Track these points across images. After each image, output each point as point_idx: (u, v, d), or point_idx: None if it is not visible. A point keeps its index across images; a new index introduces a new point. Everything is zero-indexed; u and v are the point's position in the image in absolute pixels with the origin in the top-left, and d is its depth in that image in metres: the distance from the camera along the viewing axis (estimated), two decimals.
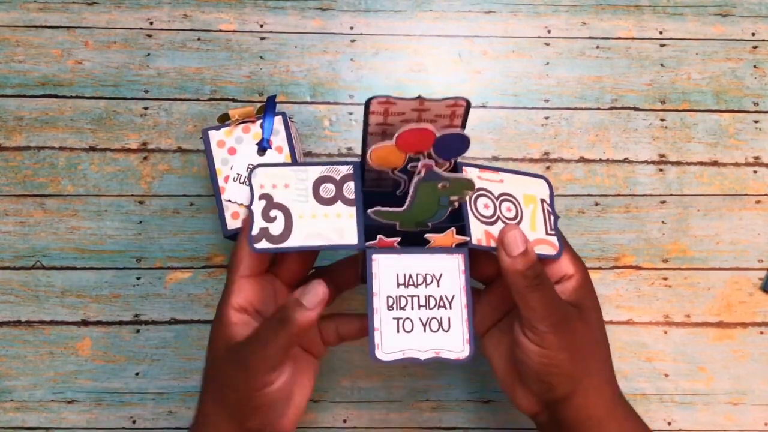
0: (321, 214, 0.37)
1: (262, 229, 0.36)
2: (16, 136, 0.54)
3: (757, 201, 0.54)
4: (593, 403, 0.38)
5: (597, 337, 0.39)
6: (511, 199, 0.40)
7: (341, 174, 0.39)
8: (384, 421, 0.51)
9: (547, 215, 0.41)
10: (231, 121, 0.48)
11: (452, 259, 0.37)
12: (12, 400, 0.51)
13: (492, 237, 0.38)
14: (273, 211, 0.37)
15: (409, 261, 0.37)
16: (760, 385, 0.52)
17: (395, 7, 0.56)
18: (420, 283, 0.36)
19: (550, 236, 0.40)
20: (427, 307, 0.36)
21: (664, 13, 0.57)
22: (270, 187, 0.38)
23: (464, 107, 0.35)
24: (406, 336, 0.35)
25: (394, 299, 0.36)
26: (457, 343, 0.35)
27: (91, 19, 0.55)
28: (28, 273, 0.52)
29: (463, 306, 0.36)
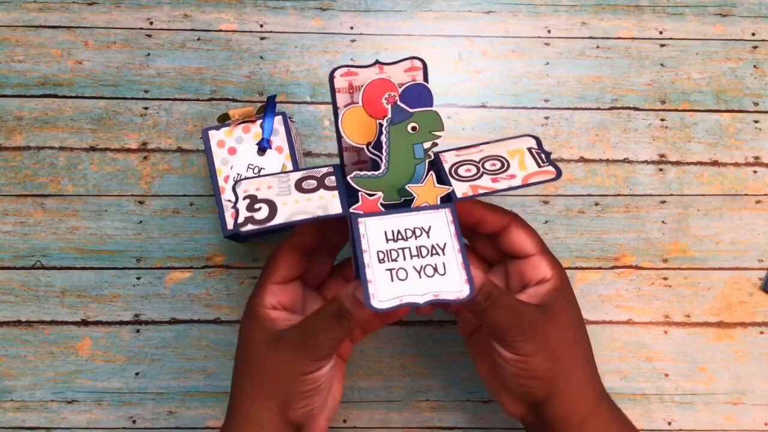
0: (304, 199, 0.37)
1: (246, 217, 0.36)
2: (16, 136, 0.54)
3: (757, 201, 0.54)
4: (575, 402, 0.38)
5: (570, 337, 0.39)
6: (494, 157, 0.40)
7: (322, 172, 0.39)
8: (384, 421, 0.51)
9: (537, 155, 0.40)
10: (231, 121, 0.48)
11: (439, 212, 0.36)
12: (12, 400, 0.51)
13: (479, 187, 0.37)
14: (257, 204, 0.37)
15: (395, 220, 0.36)
16: (760, 385, 0.52)
17: (395, 7, 0.56)
18: (409, 236, 0.36)
19: (544, 166, 0.38)
20: (419, 256, 0.35)
21: (664, 13, 0.57)
22: (254, 191, 0.38)
23: (422, 69, 0.36)
24: (401, 284, 0.34)
25: (385, 253, 0.35)
26: (455, 283, 0.34)
27: (91, 19, 0.55)
28: (28, 273, 0.52)
29: (456, 251, 0.35)
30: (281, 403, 0.38)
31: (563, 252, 0.53)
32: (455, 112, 0.55)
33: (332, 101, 0.37)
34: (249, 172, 0.48)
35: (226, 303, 0.52)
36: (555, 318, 0.38)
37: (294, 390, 0.37)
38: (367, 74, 0.36)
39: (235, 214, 0.37)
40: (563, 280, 0.40)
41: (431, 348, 0.52)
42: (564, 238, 0.53)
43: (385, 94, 0.36)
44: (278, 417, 0.38)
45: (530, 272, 0.40)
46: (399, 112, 0.36)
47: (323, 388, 0.38)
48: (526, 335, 0.37)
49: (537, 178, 0.37)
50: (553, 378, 0.38)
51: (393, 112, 0.36)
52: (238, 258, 0.52)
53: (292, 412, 0.38)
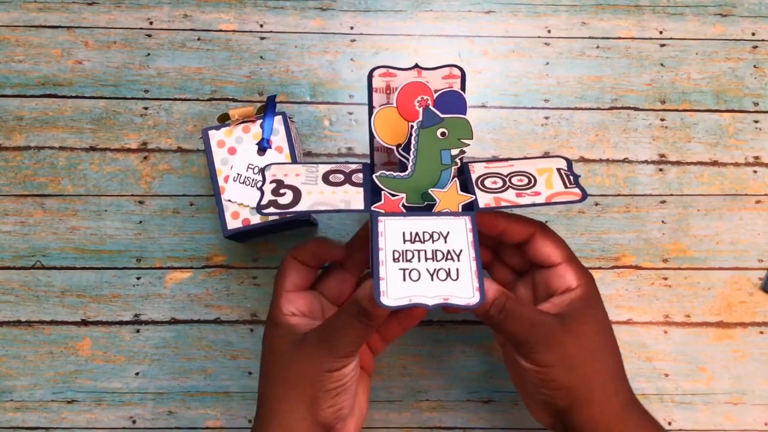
0: (329, 191, 0.38)
1: (270, 200, 0.37)
2: (16, 136, 0.54)
3: (757, 201, 0.54)
4: (598, 413, 0.38)
5: (593, 348, 0.39)
6: (522, 173, 0.40)
7: (351, 168, 0.40)
8: (384, 421, 0.51)
9: (565, 176, 0.40)
10: (231, 121, 0.48)
11: (459, 219, 0.36)
12: (12, 400, 0.51)
13: (502, 200, 0.37)
14: (283, 189, 0.37)
15: (415, 222, 0.36)
16: (760, 385, 0.52)
17: (395, 7, 0.56)
18: (426, 239, 0.36)
19: (571, 188, 0.38)
20: (434, 260, 0.35)
21: (664, 13, 0.57)
22: (282, 176, 0.39)
23: (459, 78, 0.36)
24: (412, 284, 0.34)
25: (401, 253, 0.35)
26: (466, 290, 0.34)
27: (91, 19, 0.55)
28: (28, 273, 0.52)
29: (472, 259, 0.35)
30: (309, 403, 0.38)
31: None
32: None
33: (368, 100, 0.38)
34: (249, 172, 0.48)
35: (226, 303, 0.52)
36: (575, 328, 0.38)
37: (321, 388, 0.37)
38: (405, 76, 0.37)
39: (260, 194, 0.37)
40: (590, 289, 0.40)
41: (431, 348, 0.52)
42: (564, 238, 0.53)
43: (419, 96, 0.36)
44: (308, 418, 0.38)
45: (556, 281, 0.40)
46: (430, 115, 0.36)
47: (349, 387, 0.39)
48: (543, 346, 0.37)
49: (561, 198, 0.37)
50: (573, 388, 0.38)
51: (424, 116, 0.36)
52: (238, 258, 0.52)
53: (321, 412, 0.38)
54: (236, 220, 0.47)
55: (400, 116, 0.37)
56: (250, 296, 0.52)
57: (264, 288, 0.52)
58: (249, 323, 0.52)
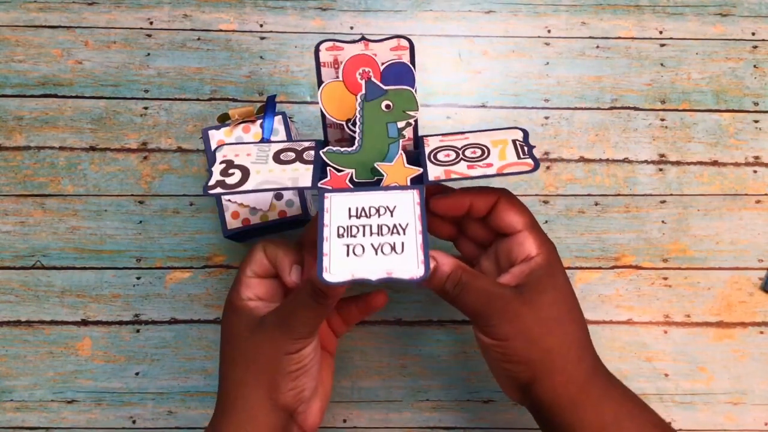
0: (278, 169, 0.37)
1: (218, 181, 0.36)
2: (16, 136, 0.54)
3: (757, 201, 0.54)
4: (560, 384, 0.37)
5: (552, 317, 0.38)
6: (476, 146, 0.39)
7: (303, 146, 0.39)
8: (384, 421, 0.51)
9: (519, 147, 0.39)
10: (231, 120, 0.48)
11: (407, 193, 0.36)
12: (12, 400, 0.51)
13: (453, 172, 0.36)
14: (231, 169, 0.37)
15: (362, 197, 0.36)
16: (760, 385, 0.52)
17: (395, 7, 0.56)
18: (372, 214, 0.35)
19: (524, 159, 0.37)
20: (379, 234, 0.35)
21: (664, 13, 0.57)
22: (232, 156, 0.38)
23: (408, 49, 0.36)
24: (355, 259, 0.34)
25: (345, 228, 0.35)
26: (411, 263, 0.34)
27: (91, 19, 0.55)
28: (28, 273, 0.52)
29: (418, 232, 0.35)
30: (269, 387, 0.38)
31: (563, 252, 0.53)
32: (455, 112, 0.55)
33: (317, 75, 0.37)
34: None
35: None
36: (534, 298, 0.37)
37: (280, 370, 0.37)
38: (353, 50, 0.36)
39: (209, 175, 0.37)
40: (550, 256, 0.39)
41: (431, 348, 0.52)
42: (564, 238, 0.53)
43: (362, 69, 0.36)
44: (268, 401, 0.38)
45: (516, 250, 0.39)
46: (373, 88, 0.36)
47: (310, 368, 0.38)
48: (500, 319, 0.36)
49: (513, 169, 0.36)
50: (534, 361, 0.37)
51: (367, 89, 0.36)
52: (238, 258, 0.52)
53: (282, 395, 0.38)
54: (236, 220, 0.47)
55: (348, 90, 0.36)
56: None
57: None
58: None
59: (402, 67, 0.36)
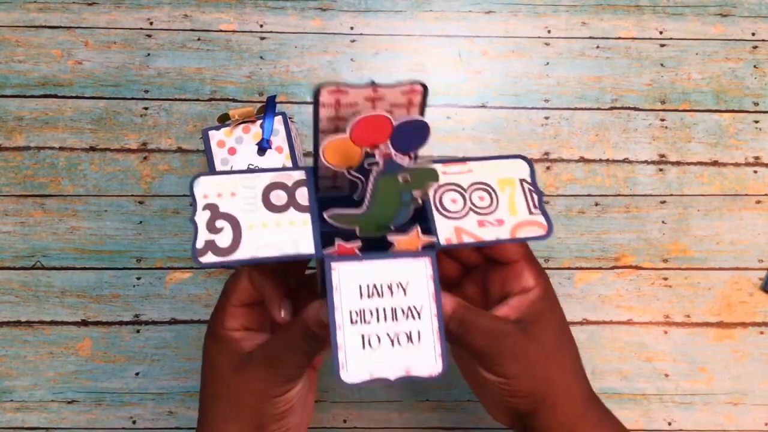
0: (272, 223, 0.34)
1: (207, 242, 0.33)
2: (16, 136, 0.54)
3: (757, 201, 0.54)
4: (561, 413, 0.37)
5: (554, 350, 0.38)
6: (483, 187, 0.37)
7: (293, 180, 0.36)
8: (384, 421, 0.51)
9: (528, 194, 0.37)
10: (231, 121, 0.48)
11: (419, 262, 0.34)
12: (12, 400, 0.51)
13: (464, 232, 0.35)
14: (219, 221, 0.34)
15: (372, 268, 0.34)
16: (760, 385, 0.52)
17: (395, 7, 0.56)
18: (385, 293, 0.34)
19: (534, 215, 0.36)
20: (393, 319, 0.33)
21: (664, 13, 0.57)
22: (215, 197, 0.35)
23: (421, 93, 0.33)
24: (372, 354, 0.32)
25: (358, 313, 0.33)
26: (428, 358, 0.33)
27: (91, 19, 0.55)
28: (28, 273, 0.52)
29: (433, 315, 0.33)
30: (254, 426, 0.37)
31: (563, 252, 0.53)
32: (455, 112, 0.55)
33: (314, 116, 0.34)
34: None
35: None
36: (537, 333, 0.37)
37: (266, 414, 0.36)
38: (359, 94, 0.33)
39: (194, 230, 0.33)
40: (547, 288, 0.38)
41: None
42: (564, 238, 0.53)
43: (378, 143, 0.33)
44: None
45: (512, 281, 0.38)
46: (392, 166, 0.33)
47: (296, 407, 0.37)
48: (508, 359, 0.36)
49: (525, 233, 0.35)
50: (538, 394, 0.37)
51: (386, 166, 0.33)
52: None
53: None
54: None
55: (353, 144, 0.33)
56: None
57: None
58: None
59: (417, 125, 0.33)
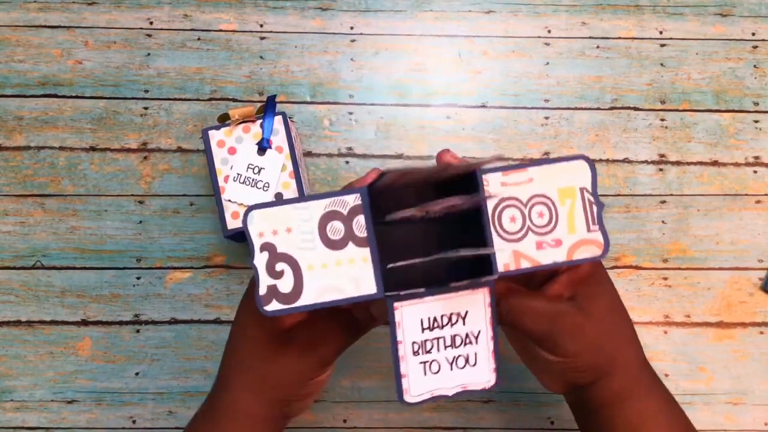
0: (332, 262, 0.34)
1: (269, 288, 0.33)
2: (16, 136, 0.53)
3: (757, 201, 0.54)
4: (618, 381, 0.37)
5: (610, 322, 0.38)
6: (543, 201, 0.37)
7: (348, 207, 0.35)
8: (384, 421, 0.51)
9: (588, 206, 0.37)
10: (231, 121, 0.48)
11: (477, 294, 0.35)
12: (12, 400, 0.51)
13: (522, 257, 0.36)
14: (278, 264, 0.34)
15: (433, 304, 0.35)
16: (760, 385, 0.52)
17: (395, 7, 0.56)
18: (445, 324, 0.35)
19: (593, 233, 0.36)
20: (453, 346, 0.35)
21: (664, 13, 0.57)
22: (270, 234, 0.34)
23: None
24: (433, 377, 0.34)
25: (420, 344, 0.34)
26: (483, 374, 0.35)
27: (91, 19, 0.55)
28: (28, 273, 0.52)
29: (489, 339, 0.35)
30: (279, 402, 0.37)
31: None
32: (455, 112, 0.55)
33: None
34: (249, 172, 0.48)
35: (226, 303, 0.52)
36: (592, 309, 0.37)
37: (294, 393, 0.37)
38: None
39: (255, 275, 0.33)
40: (594, 265, 0.38)
41: None
42: None
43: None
44: (272, 411, 0.37)
45: None
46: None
47: (319, 388, 0.39)
48: (567, 338, 0.36)
49: (582, 253, 0.35)
50: (600, 366, 0.37)
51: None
52: (238, 258, 0.52)
53: (290, 410, 0.38)
54: (236, 220, 0.47)
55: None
56: None
57: None
58: None
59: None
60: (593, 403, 0.38)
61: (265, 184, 0.48)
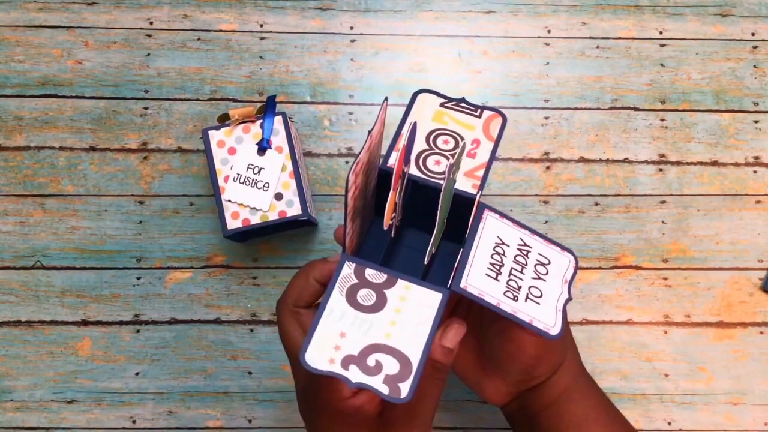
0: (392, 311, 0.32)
1: (387, 377, 0.31)
2: (16, 136, 0.54)
3: (757, 201, 0.54)
4: (565, 379, 0.39)
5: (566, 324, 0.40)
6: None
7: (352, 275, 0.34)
8: None
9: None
10: (231, 121, 0.48)
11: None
12: (12, 400, 0.51)
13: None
14: (369, 359, 0.31)
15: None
16: (760, 385, 0.52)
17: (395, 7, 0.56)
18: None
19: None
20: (526, 272, 0.34)
21: (664, 13, 0.57)
22: (334, 351, 0.31)
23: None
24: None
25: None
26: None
27: (91, 19, 0.55)
28: (28, 273, 0.52)
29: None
30: None
31: None
32: None
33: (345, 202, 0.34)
34: (249, 173, 0.48)
35: (226, 303, 0.52)
36: None
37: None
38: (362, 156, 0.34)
39: (372, 392, 0.30)
40: None
41: None
42: (564, 238, 0.53)
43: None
44: None
45: None
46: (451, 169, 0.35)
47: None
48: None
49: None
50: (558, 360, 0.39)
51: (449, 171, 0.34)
52: (238, 258, 0.52)
53: None
54: (236, 220, 0.47)
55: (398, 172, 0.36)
56: (250, 296, 0.52)
57: (264, 288, 0.52)
58: (249, 323, 0.52)
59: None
60: (540, 403, 0.39)
61: (265, 184, 0.48)
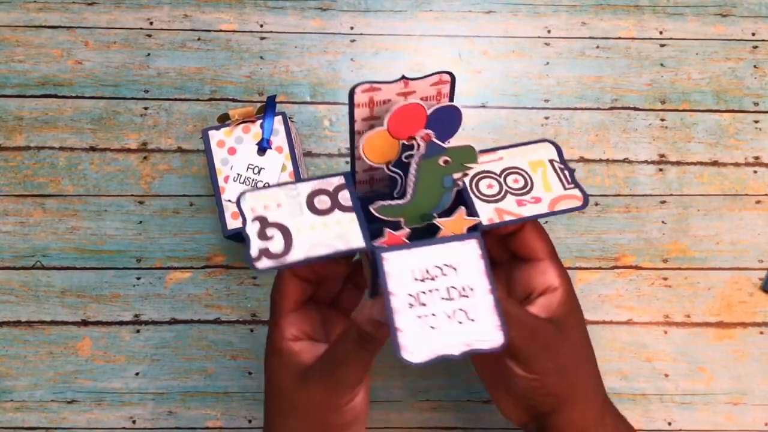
0: (320, 224, 0.36)
1: (260, 250, 0.35)
2: (16, 136, 0.54)
3: (757, 201, 0.54)
4: (580, 416, 0.38)
5: (580, 351, 0.39)
6: (516, 171, 0.39)
7: (333, 185, 0.38)
8: (384, 421, 0.51)
9: (560, 172, 0.39)
10: (231, 121, 0.48)
11: (467, 244, 0.35)
12: (12, 400, 0.51)
13: (504, 213, 0.36)
14: (269, 230, 0.36)
15: (421, 254, 0.35)
16: (760, 385, 0.52)
17: (395, 7, 0.56)
18: (437, 275, 0.34)
19: (570, 189, 0.37)
20: (449, 299, 0.33)
21: (664, 13, 0.57)
22: (262, 209, 0.36)
23: (449, 83, 0.35)
24: (432, 333, 0.33)
25: (414, 296, 0.33)
26: (487, 331, 0.33)
27: (91, 19, 0.55)
28: (28, 273, 0.52)
29: (487, 292, 0.34)
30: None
31: (563, 252, 0.53)
32: None
33: (350, 117, 0.36)
34: (249, 172, 0.48)
35: (226, 303, 0.52)
36: (567, 332, 0.37)
37: (334, 423, 0.36)
38: (391, 90, 0.35)
39: (246, 241, 0.35)
40: (570, 288, 0.39)
41: None
42: (564, 238, 0.53)
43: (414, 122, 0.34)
44: None
45: (537, 279, 0.39)
46: (434, 148, 0.34)
47: (361, 414, 0.37)
48: (542, 354, 0.36)
49: (564, 205, 0.36)
50: (562, 394, 0.37)
51: (428, 148, 0.34)
52: (238, 258, 0.52)
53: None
54: (236, 220, 0.47)
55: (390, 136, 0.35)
56: (250, 296, 0.52)
57: (264, 288, 0.52)
58: (249, 323, 0.52)
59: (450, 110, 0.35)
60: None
61: (265, 184, 0.48)
